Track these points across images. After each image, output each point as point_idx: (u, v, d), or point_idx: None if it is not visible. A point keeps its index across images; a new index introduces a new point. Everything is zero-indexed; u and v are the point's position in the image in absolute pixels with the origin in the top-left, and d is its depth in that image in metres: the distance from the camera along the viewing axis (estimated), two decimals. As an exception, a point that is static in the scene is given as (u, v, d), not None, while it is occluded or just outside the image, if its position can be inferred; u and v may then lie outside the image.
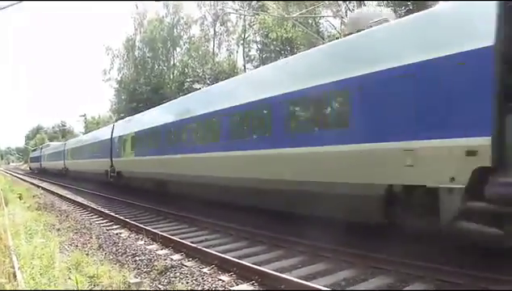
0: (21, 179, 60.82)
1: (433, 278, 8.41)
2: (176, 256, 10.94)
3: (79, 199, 26.65)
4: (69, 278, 8.08)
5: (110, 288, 7.96)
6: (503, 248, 7.99)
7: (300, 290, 7.73)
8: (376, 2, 38.59)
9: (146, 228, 14.52)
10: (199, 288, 8.34)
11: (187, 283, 8.64)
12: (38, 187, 38.69)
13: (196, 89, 51.66)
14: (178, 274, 9.24)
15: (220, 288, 8.23)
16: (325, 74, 11.56)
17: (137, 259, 10.79)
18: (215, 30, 67.00)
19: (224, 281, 8.63)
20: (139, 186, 26.33)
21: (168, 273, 9.38)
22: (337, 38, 30.83)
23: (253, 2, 53.92)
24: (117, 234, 14.53)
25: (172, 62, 69.37)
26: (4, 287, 7.57)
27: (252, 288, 8.30)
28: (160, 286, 8.76)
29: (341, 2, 38.76)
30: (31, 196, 27.46)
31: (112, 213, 19.03)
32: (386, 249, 9.73)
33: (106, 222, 17.54)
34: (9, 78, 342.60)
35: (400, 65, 9.40)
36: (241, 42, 63.01)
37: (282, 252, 11.15)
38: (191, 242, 12.00)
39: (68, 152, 51.96)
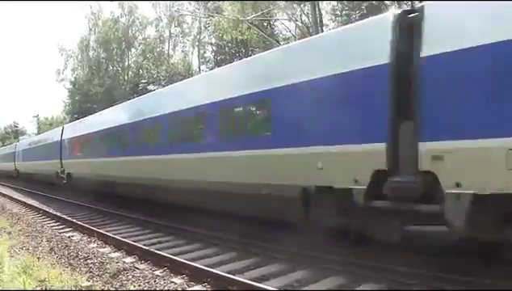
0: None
1: (385, 278, 8.56)
2: (128, 259, 10.90)
3: (31, 201, 26.16)
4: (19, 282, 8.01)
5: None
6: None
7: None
8: (330, 5, 39.23)
9: (98, 230, 14.41)
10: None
11: (139, 286, 8.65)
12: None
13: (151, 90, 51.38)
14: (130, 277, 9.25)
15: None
16: None
17: (89, 262, 10.73)
18: (170, 31, 66.75)
19: (176, 284, 8.69)
20: None
21: (120, 276, 9.36)
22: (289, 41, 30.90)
23: (209, 4, 53.94)
24: (69, 236, 14.38)
25: (127, 63, 68.64)
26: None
27: (204, 289, 8.38)
28: (112, 289, 8.75)
29: (296, 5, 39.13)
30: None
31: (64, 216, 18.75)
32: (339, 250, 9.94)
33: (58, 225, 17.27)
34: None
35: None
36: (197, 44, 62.95)
37: (235, 254, 11.22)
38: (144, 245, 11.97)
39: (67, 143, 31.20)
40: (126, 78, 66.46)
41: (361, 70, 9.58)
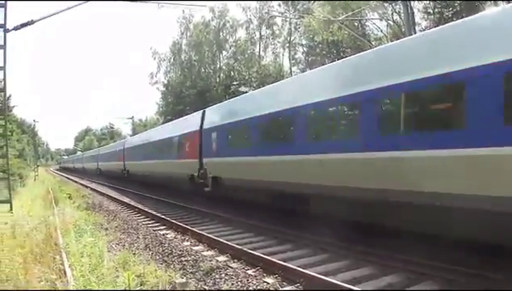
0: (71, 179, 62.24)
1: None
2: (222, 258, 11.00)
3: (126, 199, 27.07)
4: (118, 276, 8.24)
5: (156, 288, 8.07)
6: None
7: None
8: (422, 3, 38.08)
9: (192, 229, 14.65)
10: (244, 290, 8.40)
11: (232, 284, 8.71)
12: (87, 187, 39.49)
13: (243, 92, 51.85)
14: (223, 275, 9.33)
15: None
16: None
17: (183, 259, 10.91)
18: (260, 33, 67.24)
19: (268, 284, 8.67)
20: None
21: (213, 274, 9.46)
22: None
23: (299, 5, 53.91)
24: (163, 234, 14.72)
25: (218, 65, 69.80)
26: (54, 282, 7.79)
27: (297, 290, 8.32)
28: (205, 287, 8.85)
29: (387, 4, 38.37)
30: (80, 196, 28.08)
31: (159, 214, 19.26)
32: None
33: (152, 223, 17.79)
34: (59, 81, 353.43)
35: None
36: (287, 45, 63.03)
37: (327, 256, 11.03)
38: (237, 244, 12.02)
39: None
40: (218, 80, 67.55)
41: None
